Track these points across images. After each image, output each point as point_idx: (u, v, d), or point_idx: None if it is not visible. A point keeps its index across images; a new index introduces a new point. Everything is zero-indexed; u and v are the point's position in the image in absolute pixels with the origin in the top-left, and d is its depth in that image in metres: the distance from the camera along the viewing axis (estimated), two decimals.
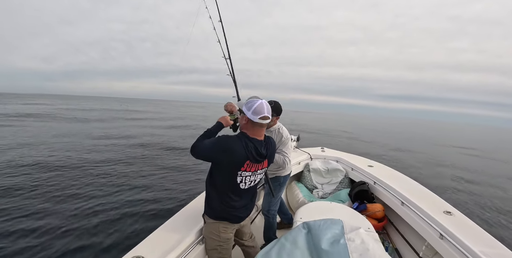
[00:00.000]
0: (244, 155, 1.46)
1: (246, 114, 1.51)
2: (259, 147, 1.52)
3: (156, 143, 10.52)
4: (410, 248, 2.54)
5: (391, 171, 3.79)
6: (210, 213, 1.61)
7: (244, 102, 1.57)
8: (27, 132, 11.25)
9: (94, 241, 3.24)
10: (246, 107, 1.52)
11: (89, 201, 4.29)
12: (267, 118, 1.51)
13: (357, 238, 1.44)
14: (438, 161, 12.04)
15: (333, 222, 1.59)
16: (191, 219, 1.77)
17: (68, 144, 8.87)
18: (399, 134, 30.13)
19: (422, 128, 51.77)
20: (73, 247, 3.10)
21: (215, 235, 1.59)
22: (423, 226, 2.24)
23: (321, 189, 3.81)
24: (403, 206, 2.60)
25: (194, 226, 1.70)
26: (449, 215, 2.25)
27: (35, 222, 3.52)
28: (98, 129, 13.77)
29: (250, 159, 1.49)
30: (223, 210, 1.58)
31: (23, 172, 5.44)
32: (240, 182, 1.53)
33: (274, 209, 2.56)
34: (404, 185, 3.00)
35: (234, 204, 1.58)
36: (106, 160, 7.01)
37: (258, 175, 1.63)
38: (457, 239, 1.88)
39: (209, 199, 1.62)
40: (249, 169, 1.52)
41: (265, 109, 1.49)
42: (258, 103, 1.49)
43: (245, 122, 1.54)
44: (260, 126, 1.54)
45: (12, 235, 3.21)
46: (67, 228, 3.45)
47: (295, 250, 1.35)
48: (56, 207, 3.99)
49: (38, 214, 3.74)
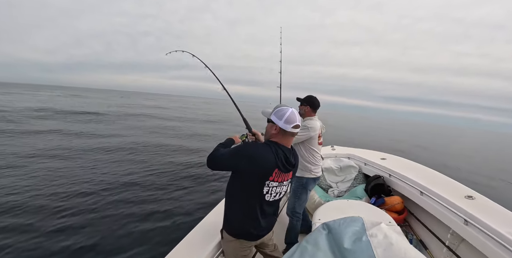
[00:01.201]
0: (274, 163, 1.40)
1: (277, 123, 1.45)
2: (288, 154, 1.47)
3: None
4: (435, 238, 2.48)
5: (405, 161, 3.74)
6: (229, 229, 1.55)
7: (272, 111, 1.51)
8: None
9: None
10: (277, 116, 1.46)
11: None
12: (299, 127, 1.48)
13: (379, 233, 1.42)
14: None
15: (352, 220, 1.57)
16: (209, 233, 1.76)
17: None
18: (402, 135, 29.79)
19: (428, 132, 51.20)
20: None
21: (232, 252, 1.56)
22: (445, 213, 2.20)
23: (336, 187, 3.77)
24: (422, 196, 2.55)
25: (214, 240, 1.69)
26: (471, 199, 2.20)
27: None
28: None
29: (280, 167, 1.42)
30: (243, 226, 1.51)
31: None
32: (266, 193, 1.44)
33: (298, 211, 2.52)
34: (420, 174, 2.95)
35: (255, 219, 1.49)
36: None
37: (284, 187, 1.54)
38: (482, 223, 1.83)
39: (229, 212, 1.54)
40: (277, 179, 1.45)
41: (297, 118, 1.46)
42: (289, 112, 1.45)
43: (275, 132, 1.47)
44: (291, 135, 1.50)
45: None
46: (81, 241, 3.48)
47: (318, 252, 1.33)
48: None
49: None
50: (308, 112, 2.49)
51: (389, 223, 1.87)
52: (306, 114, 2.50)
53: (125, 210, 4.47)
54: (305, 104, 2.49)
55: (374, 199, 3.03)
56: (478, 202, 2.16)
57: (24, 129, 10.83)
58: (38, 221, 3.86)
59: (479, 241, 1.82)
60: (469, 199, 2.21)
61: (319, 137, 2.50)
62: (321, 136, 2.59)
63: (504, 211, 2.02)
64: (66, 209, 4.29)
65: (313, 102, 2.48)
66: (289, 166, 1.48)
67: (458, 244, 2.18)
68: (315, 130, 2.37)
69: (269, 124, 1.52)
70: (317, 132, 2.41)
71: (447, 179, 2.82)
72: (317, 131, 2.41)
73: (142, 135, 12.20)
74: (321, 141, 2.60)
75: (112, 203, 4.76)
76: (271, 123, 1.49)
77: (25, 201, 4.43)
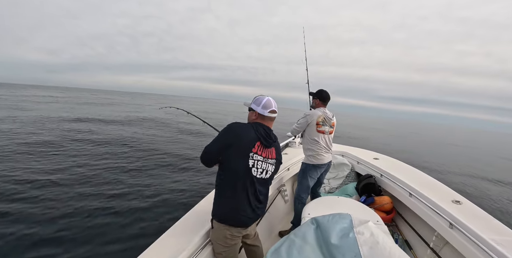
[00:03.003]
0: (255, 136, 1.55)
1: (256, 110, 1.65)
2: (268, 131, 1.63)
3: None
4: (420, 239, 2.53)
5: (397, 162, 3.78)
6: (218, 216, 1.58)
7: (252, 101, 1.71)
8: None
9: (100, 245, 3.26)
10: (256, 103, 1.66)
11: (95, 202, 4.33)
12: (275, 112, 1.67)
13: (366, 231, 1.44)
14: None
15: (341, 216, 1.59)
16: (199, 221, 1.77)
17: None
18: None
19: (429, 132, 50.80)
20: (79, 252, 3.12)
21: (222, 241, 1.58)
22: (432, 216, 2.24)
23: (328, 183, 3.81)
24: (411, 197, 2.59)
25: (202, 229, 1.69)
26: (458, 204, 2.24)
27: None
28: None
29: (261, 141, 1.57)
30: (232, 208, 1.54)
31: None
32: (252, 165, 1.53)
33: (300, 194, 2.77)
34: (411, 176, 2.99)
35: (245, 199, 1.54)
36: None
37: (270, 165, 1.62)
38: (467, 227, 1.87)
39: (218, 196, 1.59)
40: (260, 152, 1.56)
41: (273, 104, 1.65)
42: (266, 99, 1.65)
43: (255, 117, 1.66)
44: (269, 119, 1.67)
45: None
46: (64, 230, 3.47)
47: (305, 245, 1.35)
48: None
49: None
50: (318, 104, 2.76)
51: (376, 222, 1.90)
52: (317, 106, 2.78)
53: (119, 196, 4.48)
54: (315, 98, 2.78)
55: (364, 197, 3.07)
56: (465, 207, 2.20)
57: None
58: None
59: (462, 244, 1.87)
60: (456, 203, 2.25)
61: (319, 125, 2.65)
62: (326, 125, 2.69)
63: (489, 217, 2.06)
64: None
65: (321, 94, 2.74)
66: (270, 140, 1.62)
67: (442, 246, 2.23)
68: (312, 117, 2.64)
69: (250, 112, 1.71)
70: (314, 118, 2.64)
71: (436, 182, 2.86)
72: (314, 117, 2.64)
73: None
74: (330, 130, 2.74)
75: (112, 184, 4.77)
76: (251, 111, 1.69)
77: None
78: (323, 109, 2.71)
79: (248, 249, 1.86)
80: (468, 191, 7.66)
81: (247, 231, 1.69)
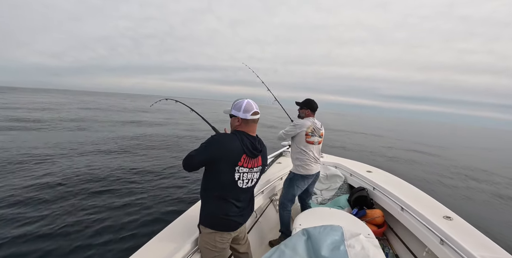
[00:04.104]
0: (240, 149, 1.49)
1: (237, 115, 1.57)
2: (253, 141, 1.57)
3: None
4: (411, 254, 2.52)
5: (390, 176, 3.79)
6: (206, 221, 1.56)
7: (231, 107, 1.63)
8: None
9: (89, 247, 3.18)
10: (236, 109, 1.58)
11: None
12: (258, 114, 1.60)
13: (357, 244, 1.43)
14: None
15: (332, 229, 1.58)
16: (187, 228, 1.74)
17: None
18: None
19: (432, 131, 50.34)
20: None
21: (211, 245, 1.55)
22: (423, 231, 2.24)
23: (320, 195, 3.79)
24: (402, 212, 2.59)
25: (191, 235, 1.66)
26: (449, 220, 2.24)
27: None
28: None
29: (247, 153, 1.51)
30: (219, 216, 1.53)
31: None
32: (238, 179, 1.51)
33: (285, 202, 2.72)
34: (403, 191, 2.99)
35: (231, 207, 1.54)
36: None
37: (255, 173, 1.61)
38: (457, 244, 1.87)
39: (204, 205, 1.58)
40: (246, 164, 1.53)
41: (254, 106, 1.58)
42: (245, 102, 1.58)
43: (238, 123, 1.59)
44: (253, 122, 1.60)
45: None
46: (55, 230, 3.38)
47: (295, 257, 1.34)
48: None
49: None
50: (308, 114, 2.73)
51: (368, 235, 1.89)
52: (306, 116, 2.73)
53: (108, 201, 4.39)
54: (305, 108, 2.73)
55: (356, 210, 3.06)
56: (455, 223, 2.21)
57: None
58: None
59: None
60: (447, 219, 2.25)
61: (308, 135, 2.64)
62: (315, 135, 2.68)
63: (479, 234, 2.06)
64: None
65: (311, 105, 2.71)
66: (256, 151, 1.56)
67: None
68: (301, 127, 2.61)
69: (232, 119, 1.63)
70: (304, 129, 2.61)
71: (428, 198, 2.87)
72: (304, 128, 2.61)
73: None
74: (319, 140, 2.73)
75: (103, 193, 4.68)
76: (233, 117, 1.61)
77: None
78: (312, 119, 2.71)
79: (238, 257, 1.83)
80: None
81: (236, 233, 1.67)
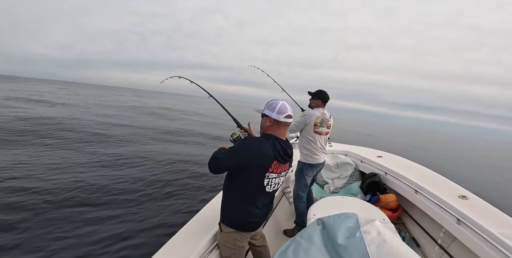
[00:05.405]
0: (272, 155, 1.45)
1: (270, 115, 1.52)
2: (284, 146, 1.53)
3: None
4: (428, 236, 2.51)
5: (401, 160, 3.76)
6: (228, 221, 1.56)
7: (265, 106, 1.58)
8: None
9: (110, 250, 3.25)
10: (269, 109, 1.54)
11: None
12: (291, 117, 1.55)
13: (372, 230, 1.43)
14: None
15: (347, 216, 1.58)
16: (205, 225, 1.77)
17: None
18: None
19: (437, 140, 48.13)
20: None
21: (231, 244, 1.57)
22: (439, 212, 2.22)
23: (332, 184, 3.80)
24: (416, 194, 2.58)
25: (208, 232, 1.69)
26: (465, 199, 2.22)
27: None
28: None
29: (278, 159, 1.48)
30: (243, 217, 1.54)
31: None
32: (266, 184, 1.49)
33: (299, 193, 2.77)
34: (416, 173, 2.97)
35: (254, 210, 1.53)
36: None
37: (282, 177, 1.60)
38: (474, 222, 1.85)
39: (227, 204, 1.57)
40: (276, 170, 1.50)
41: (288, 109, 1.54)
42: (280, 103, 1.54)
43: (270, 124, 1.54)
44: (285, 125, 1.55)
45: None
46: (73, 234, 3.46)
47: (312, 247, 1.35)
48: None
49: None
50: (318, 105, 2.77)
51: (383, 220, 1.89)
52: (316, 106, 2.78)
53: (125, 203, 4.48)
54: (316, 98, 2.77)
55: (369, 196, 3.06)
56: (471, 202, 2.19)
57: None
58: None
59: (470, 240, 1.85)
60: (463, 198, 2.23)
61: (316, 125, 2.67)
62: (323, 126, 2.71)
63: (497, 211, 2.04)
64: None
65: (322, 95, 2.75)
66: (287, 157, 1.54)
67: (450, 242, 2.21)
68: (310, 116, 2.66)
69: (263, 119, 1.58)
70: (313, 119, 2.66)
71: (442, 178, 2.84)
72: (313, 118, 2.66)
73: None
74: (326, 131, 2.76)
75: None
76: (265, 117, 1.56)
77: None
78: (322, 110, 2.73)
79: (255, 250, 1.86)
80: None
81: (255, 232, 1.69)
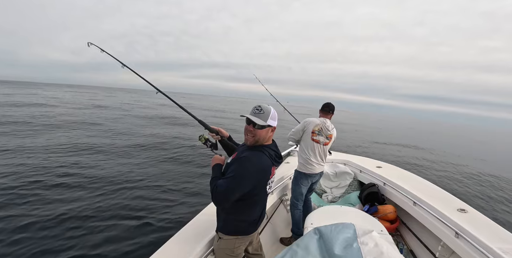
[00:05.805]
0: (271, 164, 1.51)
1: (274, 125, 1.49)
2: (276, 150, 1.58)
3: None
4: (426, 249, 2.49)
5: (401, 171, 3.75)
6: (228, 228, 1.55)
7: (268, 117, 1.44)
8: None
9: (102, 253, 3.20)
10: (273, 118, 1.47)
11: None
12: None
13: (370, 241, 1.42)
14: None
15: (344, 226, 1.57)
16: (200, 231, 1.75)
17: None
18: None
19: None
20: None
21: (230, 251, 1.55)
22: (437, 225, 2.20)
23: (330, 193, 3.77)
24: (415, 206, 2.56)
25: (204, 238, 1.68)
26: (464, 212, 2.21)
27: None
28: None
29: (274, 164, 1.56)
30: (242, 223, 1.54)
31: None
32: (268, 188, 1.58)
33: (294, 200, 2.78)
34: (415, 185, 2.96)
35: (255, 212, 1.57)
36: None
37: (275, 175, 1.69)
38: (473, 237, 1.84)
39: (227, 212, 1.55)
40: (273, 173, 1.60)
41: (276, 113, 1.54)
42: (274, 110, 1.49)
43: (271, 134, 1.53)
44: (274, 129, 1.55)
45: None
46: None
47: (308, 256, 1.33)
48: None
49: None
50: (320, 115, 2.83)
51: (381, 231, 1.88)
52: (319, 116, 2.84)
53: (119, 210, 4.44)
54: (320, 110, 2.86)
55: (367, 206, 3.04)
56: (470, 216, 2.17)
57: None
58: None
59: (469, 255, 1.83)
60: (462, 212, 2.22)
61: (314, 133, 2.68)
62: (321, 135, 2.70)
63: (496, 226, 2.02)
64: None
65: (322, 107, 2.83)
66: (279, 159, 1.60)
67: (448, 256, 2.19)
68: (308, 123, 2.69)
69: (265, 130, 1.46)
70: (311, 126, 2.67)
71: (441, 191, 2.83)
72: (311, 125, 2.67)
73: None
74: (325, 141, 2.74)
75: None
76: (267, 128, 1.46)
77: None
78: (324, 119, 2.74)
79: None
80: None
81: (252, 235, 1.68)
